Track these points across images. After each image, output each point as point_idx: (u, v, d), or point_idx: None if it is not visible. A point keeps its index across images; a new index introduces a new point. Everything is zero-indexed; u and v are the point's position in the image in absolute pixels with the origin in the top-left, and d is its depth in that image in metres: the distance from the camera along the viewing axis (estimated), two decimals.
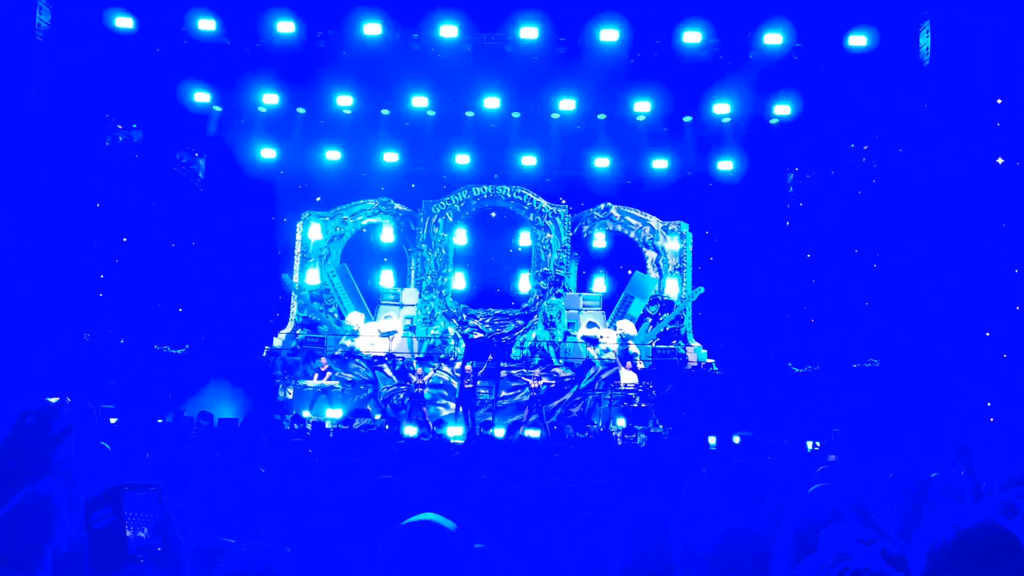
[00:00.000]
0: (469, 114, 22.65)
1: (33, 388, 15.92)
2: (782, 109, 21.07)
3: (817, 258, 21.73)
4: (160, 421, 15.33)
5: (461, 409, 20.91)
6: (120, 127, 20.05)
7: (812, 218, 22.04)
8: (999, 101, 16.02)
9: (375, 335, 23.32)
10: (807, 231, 22.21)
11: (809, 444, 16.39)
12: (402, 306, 23.90)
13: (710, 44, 19.80)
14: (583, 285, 24.63)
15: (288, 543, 3.75)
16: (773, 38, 19.09)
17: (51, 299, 17.57)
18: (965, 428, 14.21)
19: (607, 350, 23.00)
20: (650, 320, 23.75)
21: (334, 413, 20.36)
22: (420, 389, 21.43)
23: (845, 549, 2.44)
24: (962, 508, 2.56)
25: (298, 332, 23.52)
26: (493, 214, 24.69)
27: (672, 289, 23.94)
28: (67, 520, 2.93)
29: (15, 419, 3.54)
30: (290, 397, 22.08)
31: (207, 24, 18.91)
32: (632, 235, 24.48)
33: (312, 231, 24.24)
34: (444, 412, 21.72)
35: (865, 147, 20.28)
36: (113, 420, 12.89)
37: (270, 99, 21.63)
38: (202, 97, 21.11)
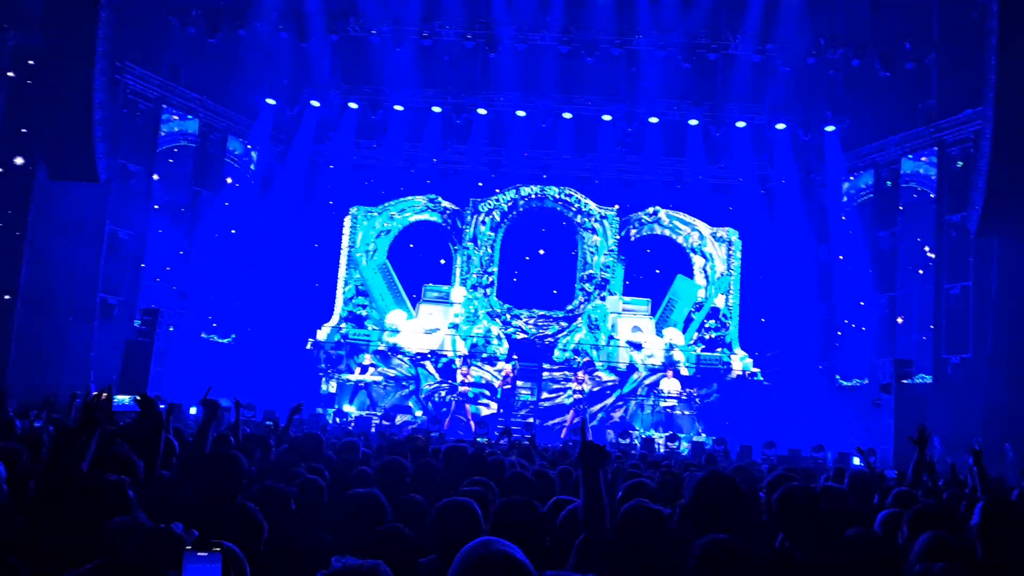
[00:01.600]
0: (520, 113, 22.59)
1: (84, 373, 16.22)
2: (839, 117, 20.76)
3: (869, 269, 21.32)
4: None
5: (502, 410, 20.91)
6: (176, 116, 20.29)
7: (864, 228, 21.62)
8: None
9: (418, 332, 23.34)
10: (859, 241, 21.78)
11: (856, 459, 16.11)
12: (450, 304, 23.88)
13: (765, 51, 19.61)
14: (629, 289, 24.41)
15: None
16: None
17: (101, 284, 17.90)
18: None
19: (651, 355, 22.82)
20: (695, 326, 23.53)
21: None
22: (464, 388, 21.47)
23: None
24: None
25: (342, 326, 23.65)
26: (543, 230, 24.50)
27: (718, 296, 23.68)
28: None
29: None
30: (332, 391, 22.21)
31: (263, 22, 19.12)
32: (680, 240, 24.24)
33: (360, 226, 24.36)
34: (485, 412, 21.71)
35: (923, 159, 19.87)
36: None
37: (323, 94, 21.78)
38: (257, 88, 21.32)
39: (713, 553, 2.92)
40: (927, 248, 19.38)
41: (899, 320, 19.97)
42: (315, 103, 22.27)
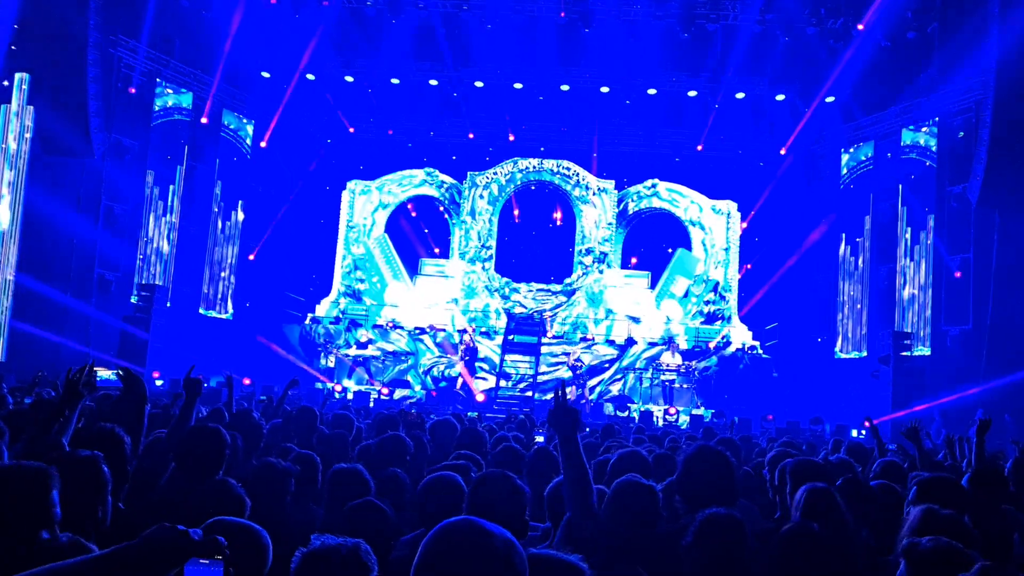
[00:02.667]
0: (518, 86, 22.39)
1: (80, 351, 16.18)
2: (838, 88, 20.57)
3: (868, 241, 21.22)
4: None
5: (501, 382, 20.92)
6: (170, 91, 20.12)
7: (863, 199, 21.50)
8: None
9: (417, 306, 23.31)
10: (858, 212, 21.66)
11: (853, 432, 16.13)
12: (450, 278, 23.82)
13: (764, 22, 19.40)
14: (628, 262, 24.33)
15: None
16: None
17: (99, 262, 17.83)
18: None
19: (650, 329, 22.80)
20: (695, 300, 23.49)
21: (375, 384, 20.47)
22: (466, 357, 21.47)
23: None
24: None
25: (341, 301, 23.62)
26: (533, 187, 24.42)
27: (717, 269, 23.62)
28: None
29: None
30: (331, 365, 22.21)
31: None
32: (679, 213, 24.13)
33: (358, 200, 24.27)
34: (484, 385, 21.71)
35: (924, 129, 19.72)
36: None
37: (319, 67, 21.57)
38: (252, 62, 21.12)
39: (712, 527, 2.89)
40: (927, 219, 19.27)
41: (898, 292, 19.91)
42: (311, 76, 22.06)
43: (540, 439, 5.26)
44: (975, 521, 3.25)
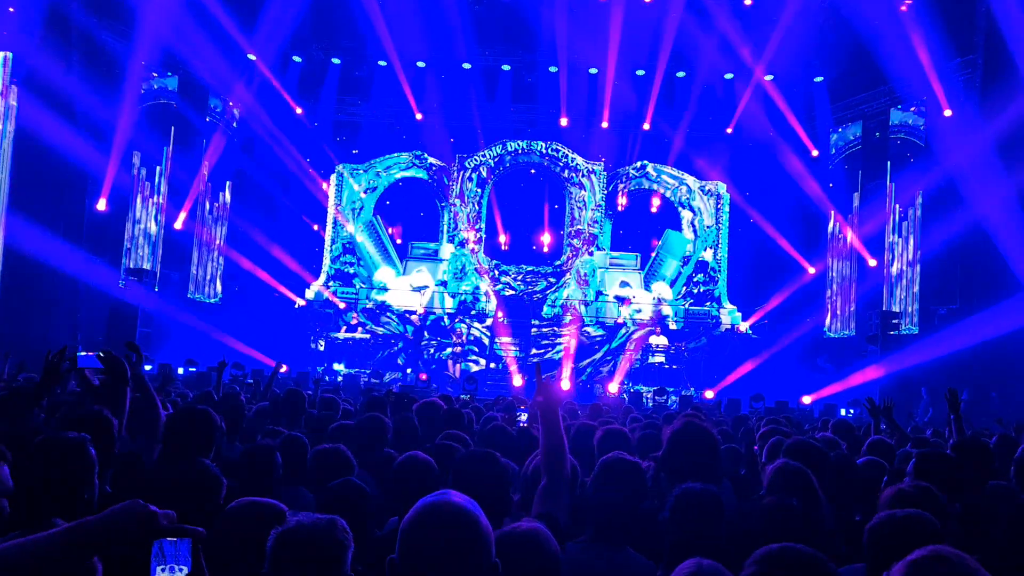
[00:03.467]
0: (506, 67, 22.30)
1: (68, 335, 16.14)
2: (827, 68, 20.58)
3: (857, 220, 21.28)
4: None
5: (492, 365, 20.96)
6: (155, 74, 19.97)
7: (852, 179, 21.54)
8: None
9: (406, 289, 23.32)
10: (847, 192, 21.70)
11: (842, 411, 16.26)
12: (440, 260, 23.81)
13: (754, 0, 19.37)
14: (617, 244, 24.34)
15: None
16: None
17: (81, 246, 17.73)
18: None
19: (639, 310, 22.84)
20: (686, 281, 23.54)
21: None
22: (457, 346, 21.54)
23: None
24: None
25: (330, 284, 23.58)
26: (532, 171, 24.36)
27: (707, 250, 23.65)
28: None
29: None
30: (321, 349, 22.20)
31: None
32: (668, 194, 24.13)
33: (346, 183, 24.18)
34: (474, 368, 21.75)
35: (912, 108, 19.76)
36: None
37: (303, 49, 21.42)
38: (237, 46, 20.94)
39: (686, 502, 2.91)
40: (916, 196, 19.33)
41: (886, 268, 19.99)
42: (297, 59, 21.93)
43: (523, 417, 5.30)
44: (956, 494, 3.28)
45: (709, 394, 18.95)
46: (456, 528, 1.83)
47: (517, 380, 20.14)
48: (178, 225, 20.65)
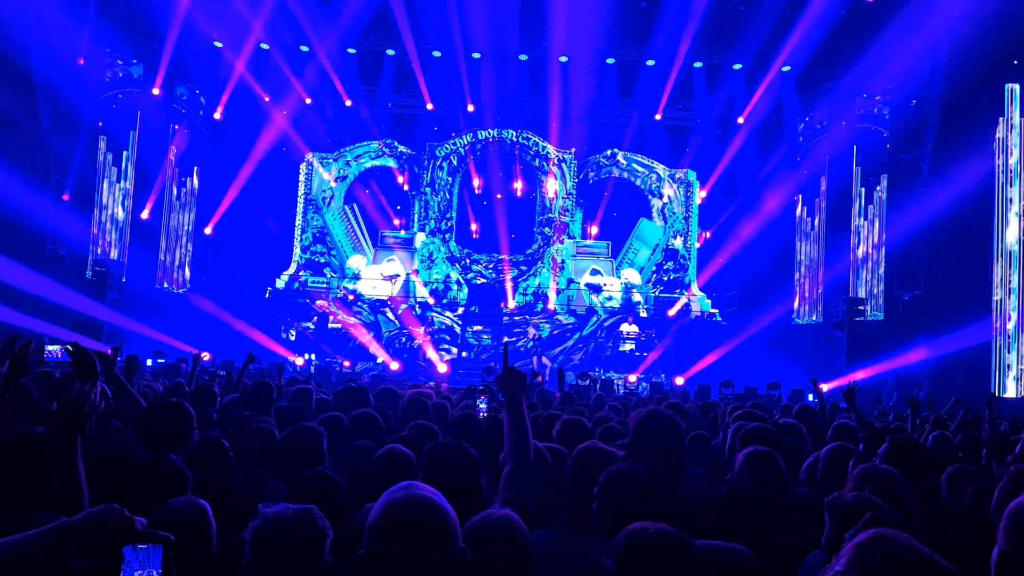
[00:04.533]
0: (476, 56, 22.23)
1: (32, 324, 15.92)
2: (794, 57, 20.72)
3: (826, 209, 21.51)
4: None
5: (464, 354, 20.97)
6: (120, 62, 19.70)
7: (819, 166, 21.76)
8: None
9: (378, 278, 23.26)
10: (814, 180, 21.93)
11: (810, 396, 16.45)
12: (414, 250, 23.75)
13: None
14: (587, 232, 24.41)
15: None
16: None
17: (50, 234, 17.50)
18: None
19: (610, 298, 22.95)
20: (655, 268, 23.68)
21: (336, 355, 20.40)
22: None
23: None
24: None
25: (300, 274, 23.46)
26: (493, 157, 24.35)
27: (677, 238, 23.80)
28: None
29: None
30: (292, 339, 22.09)
31: None
32: (638, 182, 24.24)
33: (315, 172, 24.03)
34: (446, 356, 21.76)
35: (877, 97, 19.99)
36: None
37: (273, 36, 21.20)
38: (203, 32, 20.70)
39: (613, 482, 2.94)
40: (881, 179, 19.60)
41: (852, 252, 20.25)
42: (265, 46, 21.70)
43: (483, 405, 5.34)
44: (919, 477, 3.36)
45: (679, 381, 19.10)
46: (422, 520, 1.87)
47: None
48: (145, 215, 20.44)
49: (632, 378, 19.27)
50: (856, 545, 1.64)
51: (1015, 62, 16.28)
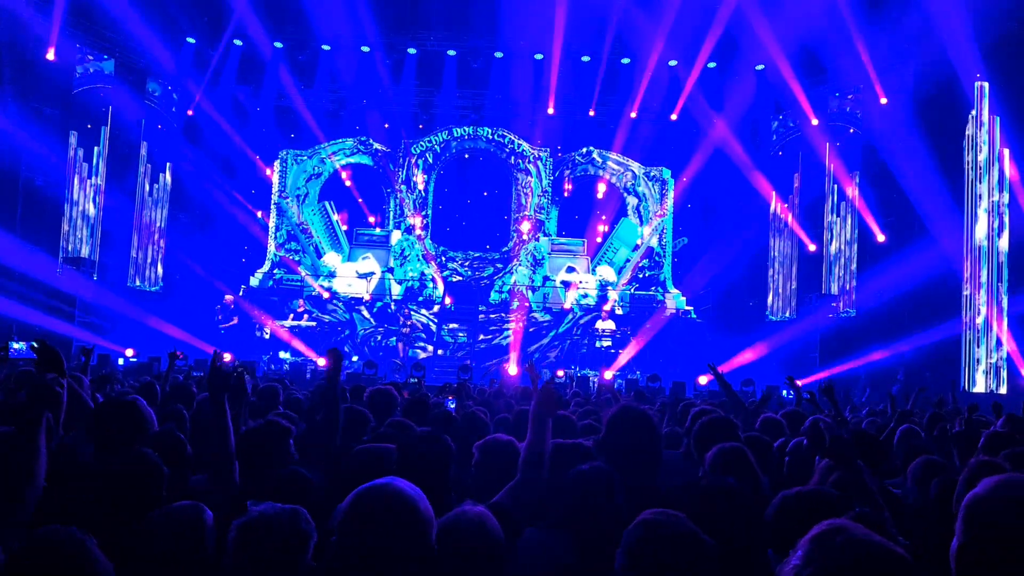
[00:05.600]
0: (451, 53, 22.19)
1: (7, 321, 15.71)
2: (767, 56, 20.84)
3: (800, 207, 21.67)
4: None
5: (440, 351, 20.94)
6: (91, 57, 19.47)
7: (794, 166, 21.92)
8: None
9: (353, 276, 23.17)
10: (788, 178, 22.08)
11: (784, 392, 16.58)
12: (390, 248, 23.67)
13: None
14: (563, 229, 24.45)
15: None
16: None
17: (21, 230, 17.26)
18: None
19: (585, 295, 23.01)
20: (630, 266, 23.77)
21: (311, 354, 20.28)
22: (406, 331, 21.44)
23: None
24: None
25: (275, 272, 23.31)
26: (468, 155, 24.33)
27: (652, 235, 23.89)
28: None
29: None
30: (267, 337, 21.95)
31: None
32: (614, 180, 24.31)
33: (290, 169, 23.89)
34: (422, 355, 21.72)
35: (850, 96, 20.16)
36: None
37: (245, 33, 21.03)
38: (176, 28, 20.51)
39: (574, 483, 2.98)
40: (854, 176, 19.80)
41: (825, 247, 20.42)
42: (238, 42, 21.52)
43: (452, 406, 5.38)
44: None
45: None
46: (391, 510, 1.87)
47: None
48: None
49: (608, 375, 19.30)
50: (812, 538, 1.65)
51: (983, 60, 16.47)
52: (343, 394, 6.41)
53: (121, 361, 15.67)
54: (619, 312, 22.61)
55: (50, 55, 17.94)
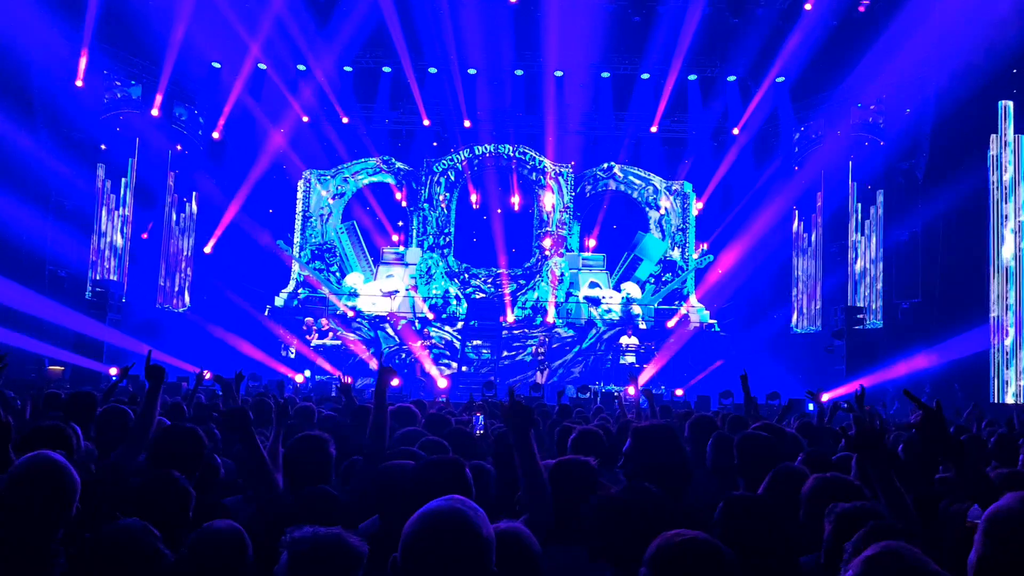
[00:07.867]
0: (472, 71, 22.35)
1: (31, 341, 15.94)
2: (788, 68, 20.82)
3: (821, 225, 21.55)
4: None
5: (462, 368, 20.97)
6: (118, 83, 19.79)
7: (816, 176, 21.81)
8: None
9: (377, 294, 23.29)
10: (812, 189, 21.95)
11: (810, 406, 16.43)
12: (407, 265, 23.78)
13: (714, 2, 19.59)
14: (585, 245, 24.45)
15: None
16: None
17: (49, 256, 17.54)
18: None
19: (609, 311, 22.98)
20: (653, 281, 23.73)
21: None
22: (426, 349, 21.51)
23: None
24: None
25: (299, 291, 23.47)
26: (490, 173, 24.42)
27: (675, 249, 23.86)
28: None
29: None
30: (292, 356, 22.07)
31: None
32: (635, 195, 24.32)
33: (313, 189, 24.10)
34: (446, 371, 21.75)
35: (872, 107, 20.08)
36: None
37: (270, 56, 21.30)
38: (202, 53, 20.80)
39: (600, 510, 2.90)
40: (877, 195, 19.66)
41: (850, 266, 20.29)
42: (262, 66, 21.79)
43: (480, 424, 5.34)
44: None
45: (679, 392, 19.09)
46: (460, 535, 1.88)
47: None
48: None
49: (631, 391, 19.18)
50: (866, 559, 1.67)
51: (1014, 71, 16.32)
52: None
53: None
54: (642, 326, 22.54)
55: (79, 82, 18.29)
